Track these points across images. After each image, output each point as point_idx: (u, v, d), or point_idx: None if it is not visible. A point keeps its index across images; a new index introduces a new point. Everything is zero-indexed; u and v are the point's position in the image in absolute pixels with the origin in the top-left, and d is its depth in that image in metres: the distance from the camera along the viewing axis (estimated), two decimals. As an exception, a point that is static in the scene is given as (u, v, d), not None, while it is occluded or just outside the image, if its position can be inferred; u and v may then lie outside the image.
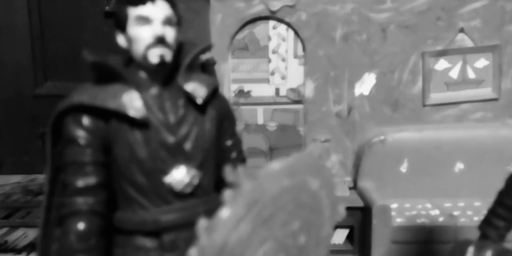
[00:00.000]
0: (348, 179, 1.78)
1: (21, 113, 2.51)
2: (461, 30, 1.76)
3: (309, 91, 1.80)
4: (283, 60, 1.82)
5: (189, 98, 0.75)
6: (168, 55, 0.72)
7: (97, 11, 2.43)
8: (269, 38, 1.80)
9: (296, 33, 1.78)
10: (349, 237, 1.67)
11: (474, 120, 1.80)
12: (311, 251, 0.75)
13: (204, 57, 1.01)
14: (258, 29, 1.79)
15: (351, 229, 1.65)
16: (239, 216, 0.63)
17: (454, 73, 1.78)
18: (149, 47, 0.71)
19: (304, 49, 1.79)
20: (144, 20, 0.71)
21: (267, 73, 1.82)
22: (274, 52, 1.81)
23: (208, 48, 0.82)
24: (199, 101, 0.74)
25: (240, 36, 1.79)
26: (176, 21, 0.74)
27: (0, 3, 2.43)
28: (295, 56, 1.81)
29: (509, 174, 0.89)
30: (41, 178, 2.39)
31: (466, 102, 1.78)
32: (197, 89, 0.75)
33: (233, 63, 1.81)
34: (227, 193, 0.61)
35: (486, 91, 1.79)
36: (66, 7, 2.45)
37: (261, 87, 1.82)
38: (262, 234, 0.66)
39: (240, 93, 1.83)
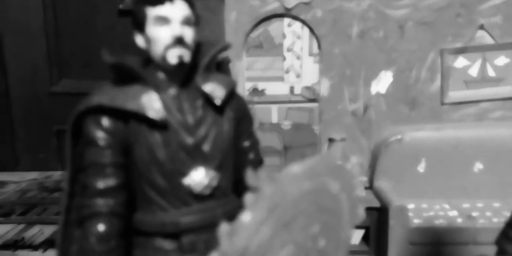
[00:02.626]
0: (364, 178, 1.76)
1: (36, 110, 2.55)
2: (481, 27, 1.71)
3: (324, 89, 1.78)
4: (298, 58, 1.80)
5: (207, 99, 0.74)
6: (187, 56, 0.72)
7: (111, 9, 2.44)
8: (284, 36, 1.78)
9: (312, 30, 1.76)
10: (365, 238, 1.65)
11: (494, 119, 1.76)
12: (330, 254, 0.74)
13: (220, 56, 1.01)
14: (273, 26, 1.77)
15: (367, 230, 1.63)
16: (260, 220, 0.62)
17: (474, 71, 1.74)
18: (168, 47, 0.70)
19: (319, 46, 1.77)
20: (163, 20, 0.70)
21: (282, 71, 1.80)
22: (289, 50, 1.79)
23: (225, 48, 0.81)
24: (218, 102, 0.73)
25: (254, 34, 1.77)
26: (194, 20, 0.74)
27: (16, 2, 2.46)
28: (310, 54, 1.79)
29: None
30: (57, 175, 2.42)
31: (485, 100, 1.74)
32: (215, 90, 0.74)
33: (247, 61, 1.80)
34: (248, 197, 0.60)
35: (506, 90, 1.75)
36: (80, 6, 2.46)
37: (275, 85, 1.81)
38: (282, 237, 0.65)
39: (255, 91, 1.82)
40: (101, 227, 0.67)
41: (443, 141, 1.68)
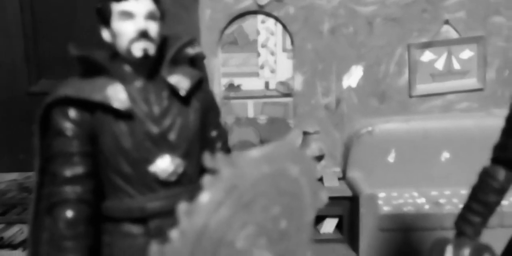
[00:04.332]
0: (338, 169, 1.81)
1: (15, 111, 2.53)
2: (446, 22, 1.79)
3: (298, 84, 1.83)
4: (272, 54, 1.84)
5: (173, 90, 0.77)
6: (151, 49, 0.75)
7: (90, 8, 2.43)
8: (258, 32, 1.82)
9: (285, 27, 1.81)
10: (339, 227, 1.71)
11: (460, 110, 1.84)
12: (292, 236, 0.78)
13: (194, 51, 1.04)
14: (247, 23, 1.81)
15: (341, 219, 1.69)
16: (219, 200, 0.65)
17: (440, 65, 1.81)
18: (132, 41, 0.73)
19: (292, 42, 1.82)
20: (127, 15, 0.73)
21: (257, 67, 1.85)
22: (263, 46, 1.84)
23: (191, 41, 0.84)
24: (182, 93, 0.77)
25: (229, 30, 1.81)
26: (159, 15, 0.77)
27: (-8, 2, 2.44)
28: (284, 50, 1.84)
29: (482, 169, 0.89)
30: (36, 175, 2.41)
31: (451, 92, 1.82)
32: (180, 81, 0.78)
33: (222, 57, 1.84)
34: (206, 179, 0.64)
35: (471, 82, 1.82)
36: (59, 5, 2.45)
37: (251, 80, 1.85)
38: (242, 218, 0.69)
39: (230, 87, 1.86)
40: (69, 213, 0.70)
41: (412, 132, 1.74)
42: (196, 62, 1.41)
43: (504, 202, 1.53)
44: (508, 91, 1.81)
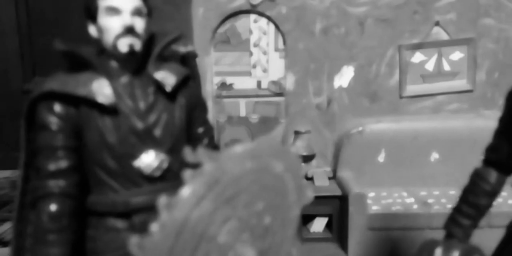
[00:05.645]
0: (328, 169, 1.82)
1: (9, 108, 2.53)
2: (437, 24, 1.80)
3: (289, 83, 1.84)
4: (264, 53, 1.85)
5: (159, 86, 0.78)
6: (137, 45, 0.75)
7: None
8: (251, 32, 1.83)
9: (277, 26, 1.82)
10: (328, 225, 1.72)
11: (449, 111, 1.85)
12: (277, 232, 0.79)
13: (185, 49, 1.05)
14: (240, 22, 1.82)
15: (330, 218, 1.70)
16: (200, 194, 0.66)
17: (430, 66, 1.83)
18: (118, 36, 0.74)
19: (284, 42, 1.83)
20: (114, 10, 0.74)
21: (249, 66, 1.86)
22: (255, 45, 1.84)
23: (178, 38, 0.85)
24: (168, 88, 0.78)
25: (222, 29, 1.82)
26: (146, 12, 0.78)
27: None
28: (276, 49, 1.85)
29: (473, 171, 0.86)
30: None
31: (441, 93, 1.83)
32: (166, 77, 0.78)
33: (215, 56, 1.84)
34: (187, 173, 0.64)
35: (461, 83, 1.84)
36: (54, 3, 2.45)
37: (243, 79, 1.86)
38: (225, 213, 0.70)
39: (223, 85, 1.87)
40: (53, 207, 0.70)
41: (402, 133, 1.76)
42: (188, 60, 1.42)
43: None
44: (497, 93, 1.83)
